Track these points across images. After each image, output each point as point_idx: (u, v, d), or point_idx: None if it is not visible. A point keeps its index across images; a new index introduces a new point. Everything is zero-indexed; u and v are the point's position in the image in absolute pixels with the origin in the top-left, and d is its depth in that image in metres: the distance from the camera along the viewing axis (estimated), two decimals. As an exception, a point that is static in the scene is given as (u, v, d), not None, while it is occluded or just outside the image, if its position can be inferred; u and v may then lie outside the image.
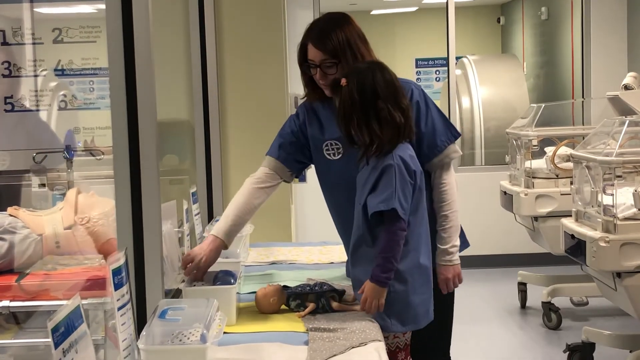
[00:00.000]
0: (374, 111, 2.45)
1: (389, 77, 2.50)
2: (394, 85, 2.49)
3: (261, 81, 4.43)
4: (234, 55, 4.41)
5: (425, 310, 2.54)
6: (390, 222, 2.41)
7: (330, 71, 2.70)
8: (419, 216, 2.51)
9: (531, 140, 5.58)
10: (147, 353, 1.83)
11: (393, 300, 2.45)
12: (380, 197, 2.41)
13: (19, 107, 3.82)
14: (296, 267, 3.25)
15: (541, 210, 5.43)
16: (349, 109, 2.47)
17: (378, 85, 2.46)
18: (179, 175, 4.03)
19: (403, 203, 2.41)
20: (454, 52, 7.61)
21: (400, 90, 2.51)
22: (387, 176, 2.42)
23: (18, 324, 2.70)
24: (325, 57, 2.69)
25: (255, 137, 4.46)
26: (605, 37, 7.51)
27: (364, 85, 2.46)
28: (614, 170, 4.01)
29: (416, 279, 2.50)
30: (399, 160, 2.44)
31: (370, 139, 2.46)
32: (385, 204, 2.40)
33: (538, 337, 5.37)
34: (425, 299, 2.54)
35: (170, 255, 2.65)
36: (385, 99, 2.46)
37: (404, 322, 2.49)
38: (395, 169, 2.42)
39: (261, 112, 4.43)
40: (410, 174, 2.45)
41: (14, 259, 2.94)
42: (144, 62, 2.21)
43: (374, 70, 2.49)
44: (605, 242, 3.95)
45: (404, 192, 2.42)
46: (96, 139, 4.01)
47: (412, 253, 2.48)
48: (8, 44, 3.81)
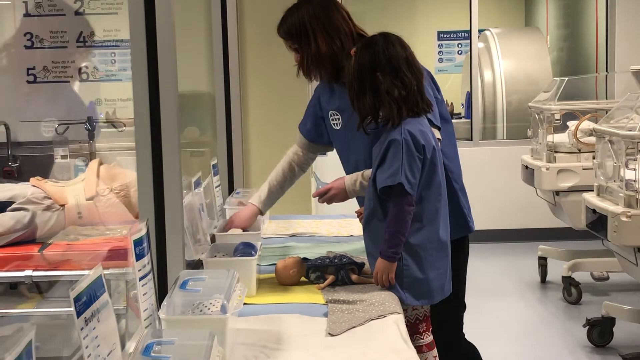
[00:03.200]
0: (370, 84, 2.46)
1: (393, 50, 2.48)
2: (397, 59, 2.47)
3: (282, 53, 4.40)
4: (255, 27, 4.40)
5: (440, 285, 2.53)
6: (398, 197, 2.42)
7: (294, 52, 2.86)
8: (434, 190, 2.49)
9: (553, 114, 5.53)
10: (168, 322, 1.84)
11: (405, 274, 2.46)
12: (388, 172, 2.42)
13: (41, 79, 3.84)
14: (316, 240, 3.26)
15: (563, 184, 5.40)
16: (351, 79, 2.51)
17: (377, 58, 2.46)
18: (199, 148, 4.04)
19: (410, 178, 2.40)
20: (476, 25, 7.54)
21: (407, 63, 2.48)
22: (393, 150, 2.42)
23: (40, 293, 2.73)
24: (285, 37, 2.87)
25: (276, 108, 4.46)
26: (630, 10, 7.41)
27: (365, 57, 2.48)
28: (637, 145, 3.98)
29: (431, 254, 2.49)
30: (407, 134, 2.43)
31: (367, 111, 2.48)
32: (392, 179, 2.40)
33: (558, 312, 5.37)
34: (441, 274, 2.53)
35: (191, 227, 2.67)
36: (383, 72, 2.45)
37: (417, 296, 2.49)
38: (402, 144, 2.42)
39: (282, 84, 4.43)
40: (419, 148, 2.43)
41: (36, 229, 2.97)
42: (165, 33, 2.21)
43: (377, 43, 2.50)
44: (627, 217, 3.93)
45: (411, 167, 2.41)
46: (118, 111, 4.03)
47: (427, 227, 2.48)
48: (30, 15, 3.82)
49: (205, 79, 4.11)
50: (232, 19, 4.15)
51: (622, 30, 7.42)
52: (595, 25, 8.10)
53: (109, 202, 3.03)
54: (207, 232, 2.97)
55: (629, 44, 7.37)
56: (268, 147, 4.40)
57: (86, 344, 1.44)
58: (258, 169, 4.43)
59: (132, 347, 1.85)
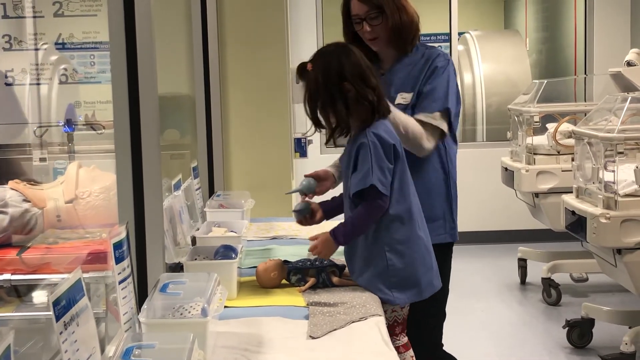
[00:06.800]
0: (340, 94, 2.45)
1: (355, 59, 2.49)
2: (361, 66, 2.49)
3: (262, 55, 4.41)
4: (235, 29, 4.39)
5: (428, 280, 2.55)
6: (371, 198, 2.43)
7: (375, 22, 2.86)
8: (406, 188, 2.51)
9: (533, 116, 5.56)
10: (148, 326, 1.84)
11: (393, 274, 2.47)
12: (359, 176, 2.44)
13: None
14: (297, 242, 3.26)
15: (542, 186, 5.43)
16: (315, 93, 2.48)
17: (344, 68, 2.46)
18: (180, 150, 4.03)
19: (381, 178, 2.42)
20: (456, 28, 7.58)
21: (369, 69, 2.50)
22: (362, 154, 2.44)
23: (19, 297, 2.71)
24: (369, 9, 2.84)
25: (256, 111, 4.45)
26: (608, 13, 7.47)
27: (329, 69, 2.47)
28: (616, 146, 4.01)
29: (415, 250, 2.51)
30: (373, 137, 2.44)
31: (337, 122, 2.47)
32: (364, 182, 2.42)
33: (537, 313, 5.39)
34: (427, 269, 2.55)
35: (171, 230, 2.66)
36: (352, 81, 2.45)
37: (407, 294, 2.50)
38: (369, 146, 2.43)
39: (262, 86, 4.42)
40: (387, 148, 2.45)
41: (15, 232, 2.94)
42: (144, 35, 2.20)
43: (339, 54, 2.50)
44: (605, 219, 3.96)
45: (381, 168, 2.42)
46: (97, 113, 4.00)
47: (408, 225, 2.50)
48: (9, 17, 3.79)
49: (185, 81, 4.10)
50: (212, 21, 4.14)
51: (600, 33, 7.48)
52: (574, 28, 8.16)
53: (89, 205, 3.01)
54: (188, 235, 2.96)
55: (607, 47, 7.42)
56: (248, 149, 4.39)
57: (65, 348, 1.43)
58: (238, 172, 4.42)
59: (111, 351, 1.83)
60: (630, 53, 5.71)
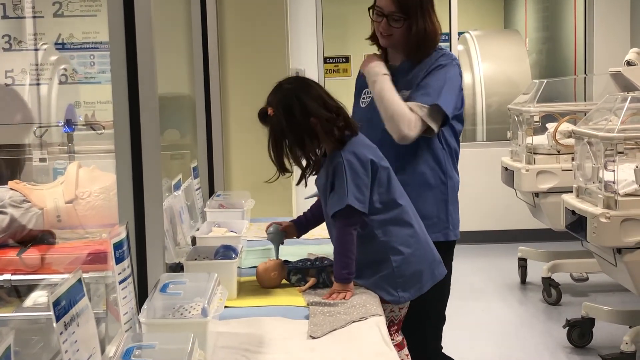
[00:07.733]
0: (308, 131, 2.42)
1: (314, 91, 2.46)
2: (321, 97, 2.45)
3: (262, 55, 4.41)
4: (235, 29, 4.39)
5: (429, 274, 2.56)
6: (346, 218, 2.41)
7: (396, 24, 2.78)
8: (393, 191, 2.51)
9: (533, 116, 5.56)
10: (149, 326, 1.83)
11: (400, 275, 2.48)
12: (335, 197, 2.43)
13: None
14: (297, 242, 3.25)
15: (542, 186, 5.43)
16: (281, 137, 2.44)
17: (306, 105, 2.42)
18: (180, 150, 4.02)
19: (358, 196, 2.40)
20: (456, 28, 7.57)
21: (326, 94, 2.47)
22: (338, 174, 2.42)
23: (20, 297, 2.71)
24: (395, 10, 2.76)
25: (256, 111, 4.44)
26: (608, 13, 7.46)
27: (291, 110, 2.42)
28: (616, 146, 4.00)
29: (416, 248, 2.53)
30: (347, 154, 2.43)
31: (307, 161, 2.46)
32: (340, 203, 2.40)
33: (538, 313, 5.39)
34: (429, 263, 2.56)
35: (171, 230, 2.66)
36: (317, 114, 2.42)
37: (410, 292, 2.52)
38: (344, 165, 2.41)
39: (262, 86, 4.40)
40: (364, 163, 2.43)
41: (15, 232, 2.94)
42: (144, 35, 2.20)
43: (297, 91, 2.45)
44: (606, 218, 3.95)
45: (357, 185, 2.41)
46: (97, 113, 4.00)
47: (401, 226, 2.51)
48: (8, 17, 3.79)
49: (185, 81, 4.10)
50: (212, 21, 4.13)
51: (600, 33, 7.48)
52: (574, 28, 8.16)
53: (89, 206, 3.01)
54: (188, 235, 2.96)
55: (607, 46, 7.42)
56: (248, 149, 4.39)
57: (65, 349, 1.43)
58: (238, 172, 4.41)
59: (112, 351, 1.83)
60: (630, 53, 5.71)
